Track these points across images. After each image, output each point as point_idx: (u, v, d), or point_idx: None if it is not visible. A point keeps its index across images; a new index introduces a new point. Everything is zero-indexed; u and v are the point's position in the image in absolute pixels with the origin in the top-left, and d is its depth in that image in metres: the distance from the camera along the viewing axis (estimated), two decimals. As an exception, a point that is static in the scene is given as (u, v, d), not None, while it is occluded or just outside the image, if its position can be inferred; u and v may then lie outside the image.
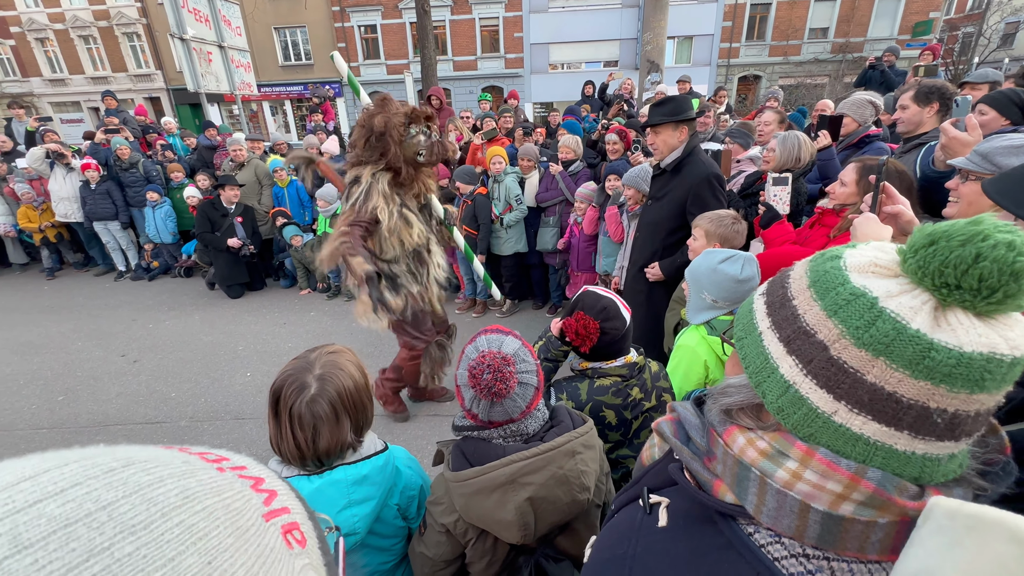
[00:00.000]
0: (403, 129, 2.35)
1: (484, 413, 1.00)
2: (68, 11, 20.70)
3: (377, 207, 2.39)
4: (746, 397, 0.54)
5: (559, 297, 4.67)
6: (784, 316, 0.50)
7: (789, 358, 0.49)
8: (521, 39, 19.71)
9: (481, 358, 0.99)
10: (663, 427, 0.81)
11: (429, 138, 2.46)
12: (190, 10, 7.10)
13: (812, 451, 0.48)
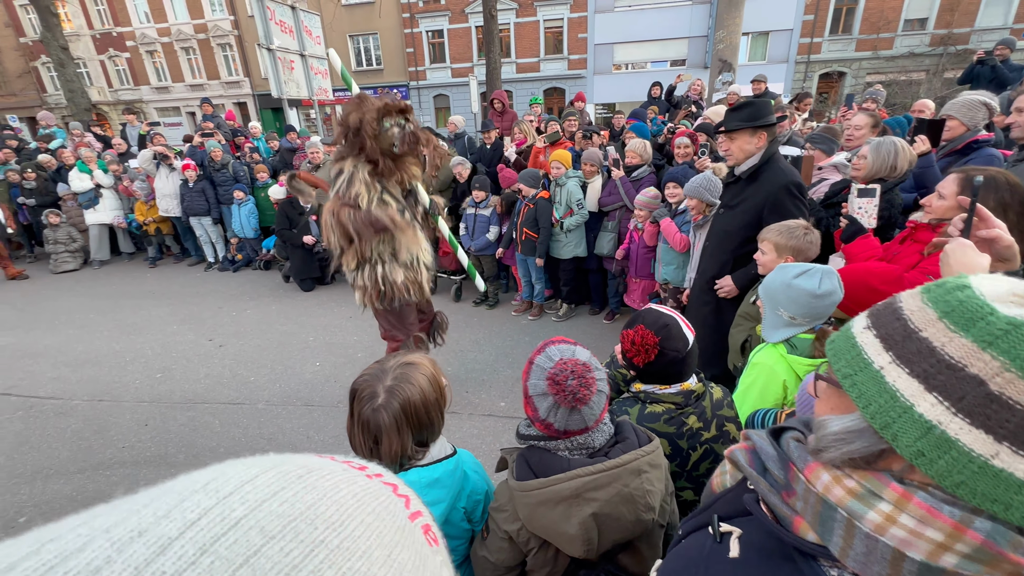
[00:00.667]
0: (376, 124, 2.47)
1: (562, 422, 0.99)
2: (174, 26, 22.98)
3: (359, 193, 2.52)
4: (870, 443, 0.49)
5: (617, 303, 4.59)
6: (914, 350, 0.46)
7: (929, 395, 0.44)
8: (585, 40, 19.52)
9: (562, 365, 0.99)
10: (737, 455, 0.77)
11: (403, 130, 2.54)
12: (277, 22, 7.65)
13: (910, 494, 0.45)
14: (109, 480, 2.78)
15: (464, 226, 4.79)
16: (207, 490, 0.24)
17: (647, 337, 1.27)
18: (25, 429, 3.28)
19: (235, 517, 0.22)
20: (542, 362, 1.03)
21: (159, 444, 3.08)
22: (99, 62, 24.38)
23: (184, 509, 0.22)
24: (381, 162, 2.54)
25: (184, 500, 0.23)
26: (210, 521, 0.22)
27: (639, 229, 3.78)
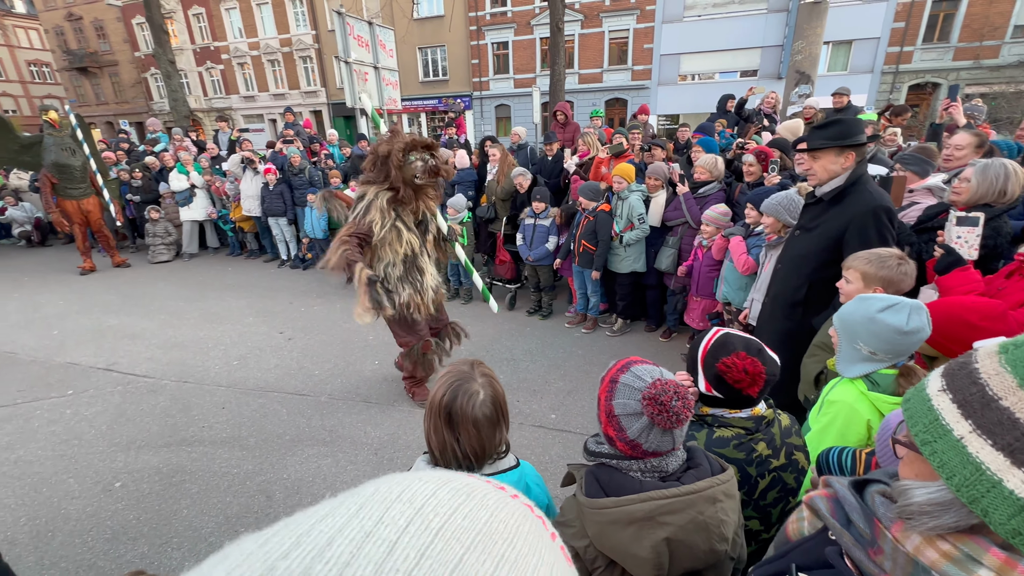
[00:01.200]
0: (402, 156, 2.79)
1: (653, 443, 0.98)
2: (263, 40, 24.99)
3: (373, 220, 2.83)
4: (960, 517, 0.46)
5: (675, 321, 4.45)
6: (995, 420, 0.43)
7: (1019, 471, 0.41)
8: (650, 50, 19.22)
9: (661, 385, 0.96)
10: (818, 503, 0.74)
11: (426, 163, 2.85)
12: (355, 37, 8.11)
13: (1014, 562, 0.41)
14: (190, 456, 3.03)
15: (522, 236, 4.84)
16: (402, 500, 0.26)
17: (756, 365, 1.22)
18: (123, 402, 3.66)
19: (434, 527, 0.25)
20: (631, 381, 1.01)
21: (233, 427, 3.33)
22: (198, 73, 26.94)
23: (393, 516, 0.25)
24: (402, 190, 2.84)
25: (389, 509, 0.25)
26: (417, 529, 0.24)
27: (704, 246, 3.65)
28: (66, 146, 6.51)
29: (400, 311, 3.08)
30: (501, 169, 5.37)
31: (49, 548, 2.38)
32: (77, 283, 6.59)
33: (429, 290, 3.16)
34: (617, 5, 18.98)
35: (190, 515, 2.57)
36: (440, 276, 3.32)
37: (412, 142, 2.84)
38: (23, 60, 33.84)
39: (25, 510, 2.63)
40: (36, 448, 3.15)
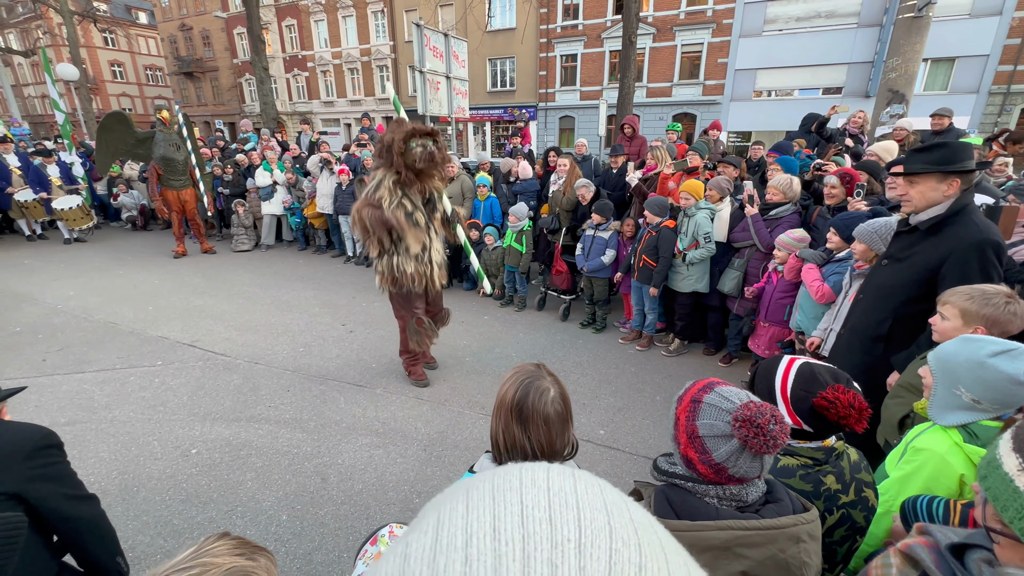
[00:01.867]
0: (403, 144, 3.10)
1: (741, 468, 0.93)
2: (345, 50, 26.66)
3: (382, 196, 3.19)
4: None
5: (737, 347, 4.25)
6: None
7: None
8: (724, 65, 18.61)
9: (755, 408, 0.91)
10: (919, 552, 0.68)
11: (425, 149, 3.13)
12: (431, 48, 8.48)
13: None
14: (256, 432, 3.26)
15: (581, 247, 4.82)
16: (577, 492, 0.28)
17: (859, 400, 1.14)
18: (202, 377, 3.99)
19: (605, 520, 0.27)
20: (718, 401, 0.97)
21: (296, 409, 3.54)
22: (285, 79, 29.13)
23: (586, 510, 0.27)
24: (403, 173, 3.17)
25: (583, 504, 0.28)
26: (616, 516, 0.27)
27: (778, 271, 3.47)
28: (173, 142, 7.25)
29: (403, 283, 3.39)
30: (568, 180, 5.39)
31: (134, 502, 2.63)
32: (171, 265, 7.29)
33: (434, 264, 3.45)
34: (692, 19, 18.58)
35: (253, 488, 2.76)
36: (446, 254, 3.64)
37: (412, 131, 3.14)
38: (141, 65, 38.09)
39: (116, 464, 2.93)
40: (128, 410, 3.51)
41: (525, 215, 5.34)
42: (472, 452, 3.06)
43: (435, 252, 3.45)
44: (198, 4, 31.12)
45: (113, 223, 10.23)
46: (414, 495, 2.71)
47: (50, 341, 4.60)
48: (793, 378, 1.23)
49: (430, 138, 3.18)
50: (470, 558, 0.24)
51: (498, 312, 5.52)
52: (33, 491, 1.42)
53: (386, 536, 0.89)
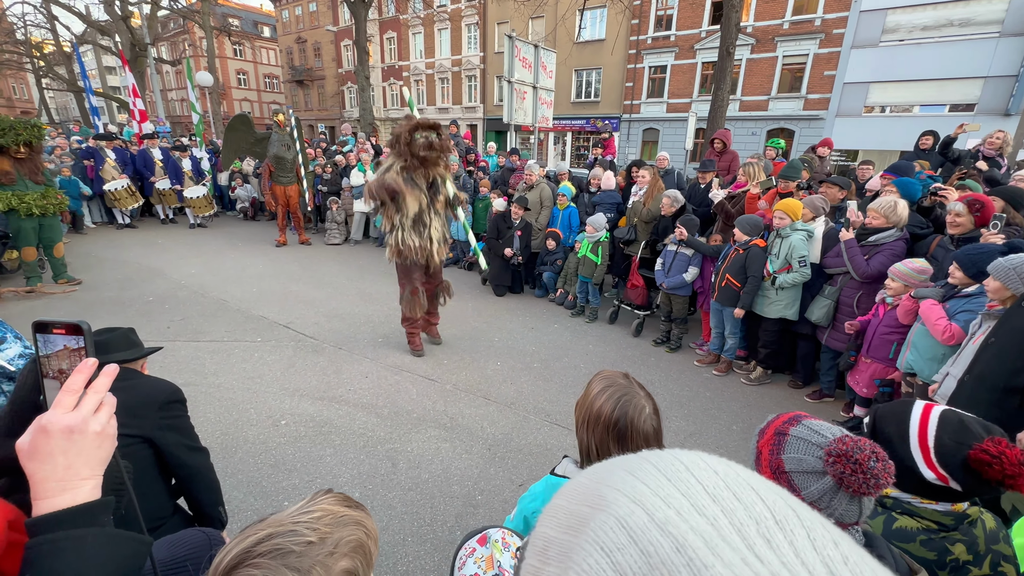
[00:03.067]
0: (408, 135, 3.70)
1: (835, 510, 0.87)
2: (438, 60, 28.06)
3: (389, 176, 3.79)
4: None
5: (831, 384, 3.88)
6: None
7: None
8: (831, 78, 17.20)
9: (852, 442, 0.84)
10: None
11: (427, 139, 3.70)
12: (520, 58, 8.69)
13: None
14: (337, 412, 3.50)
15: (661, 261, 4.67)
16: (753, 484, 0.28)
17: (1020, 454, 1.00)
18: (293, 356, 4.36)
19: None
20: (806, 435, 0.91)
21: (372, 395, 3.76)
22: (381, 87, 31.20)
23: (761, 490, 0.27)
24: (408, 160, 3.75)
25: (754, 484, 0.28)
26: (786, 496, 0.28)
27: (887, 303, 3.14)
28: (285, 142, 8.04)
29: (406, 256, 3.96)
30: (650, 192, 5.26)
31: (231, 461, 2.93)
32: (272, 253, 8.05)
33: (433, 241, 3.99)
34: (797, 29, 17.40)
35: (332, 463, 2.96)
36: (445, 232, 4.14)
37: (418, 124, 3.73)
38: (262, 73, 42.64)
39: (219, 426, 3.28)
40: (231, 378, 3.92)
41: (602, 226, 5.28)
42: (536, 458, 3.07)
43: (435, 230, 3.99)
44: (313, 19, 34.31)
45: (229, 212, 11.50)
46: (476, 492, 2.77)
47: (174, 312, 5.27)
48: (937, 425, 1.09)
49: (433, 130, 3.77)
50: (692, 529, 0.24)
51: (568, 321, 5.49)
52: (161, 437, 1.64)
53: (499, 541, 0.91)
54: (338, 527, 0.72)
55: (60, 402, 0.60)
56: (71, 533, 0.58)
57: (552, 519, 0.35)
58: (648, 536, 0.25)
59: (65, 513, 0.58)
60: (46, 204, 5.62)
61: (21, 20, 21.17)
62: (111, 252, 7.58)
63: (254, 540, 0.65)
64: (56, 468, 0.58)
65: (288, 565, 0.64)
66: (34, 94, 31.03)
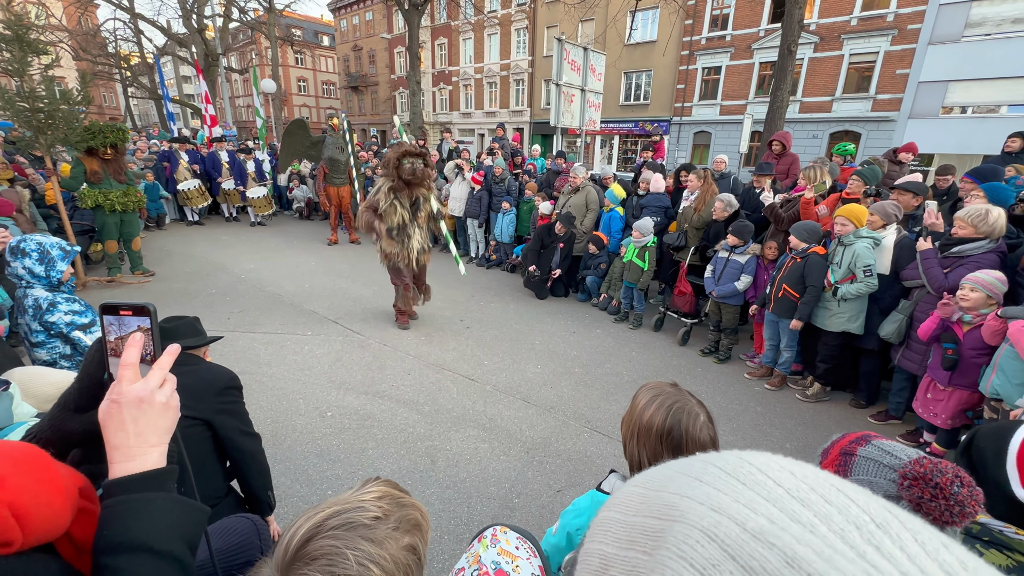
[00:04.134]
0: (397, 160, 4.35)
1: None
2: (487, 65, 28.43)
3: (379, 199, 4.43)
4: None
5: (900, 406, 3.59)
6: None
7: None
8: (904, 76, 16.02)
9: (931, 464, 0.76)
10: None
11: (413, 166, 4.34)
12: (569, 61, 8.64)
13: None
14: (379, 407, 3.58)
15: (712, 269, 4.49)
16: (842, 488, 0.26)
17: None
18: (341, 350, 4.51)
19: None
20: (877, 455, 0.83)
21: (414, 392, 3.82)
22: (431, 92, 31.95)
23: (849, 491, 0.25)
24: (396, 182, 4.40)
25: (840, 486, 0.25)
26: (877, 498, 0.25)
27: (964, 322, 2.86)
28: (339, 145, 8.37)
29: (392, 259, 4.62)
30: (702, 197, 5.08)
31: (280, 448, 3.06)
32: (324, 251, 8.39)
33: (414, 249, 4.59)
34: (867, 25, 16.34)
35: (373, 456, 3.03)
36: (425, 243, 4.73)
37: (406, 151, 4.33)
38: (320, 80, 44.75)
39: (271, 414, 3.43)
40: (283, 369, 4.10)
41: (649, 230, 5.15)
42: (575, 464, 3.01)
43: (415, 240, 4.59)
44: (369, 27, 35.66)
45: (286, 212, 12.11)
46: (513, 495, 2.75)
47: (234, 304, 5.59)
48: None
49: (419, 158, 4.37)
50: (796, 539, 0.22)
51: (611, 327, 5.38)
52: (219, 421, 1.73)
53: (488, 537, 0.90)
54: (398, 507, 0.73)
55: (123, 376, 0.66)
56: (143, 496, 0.63)
57: (607, 534, 0.32)
58: (747, 549, 0.22)
59: (137, 477, 0.64)
60: (127, 201, 6.13)
61: (113, 35, 23.28)
62: (181, 247, 8.15)
63: (323, 516, 0.67)
64: (128, 435, 0.64)
65: (363, 536, 0.65)
66: (121, 102, 34.04)
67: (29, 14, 5.73)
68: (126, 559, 0.59)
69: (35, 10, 17.44)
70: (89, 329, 2.52)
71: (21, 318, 2.45)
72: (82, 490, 0.65)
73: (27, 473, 0.57)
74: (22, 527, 0.54)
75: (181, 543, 0.64)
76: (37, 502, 0.56)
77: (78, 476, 0.66)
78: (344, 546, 0.63)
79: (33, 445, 0.63)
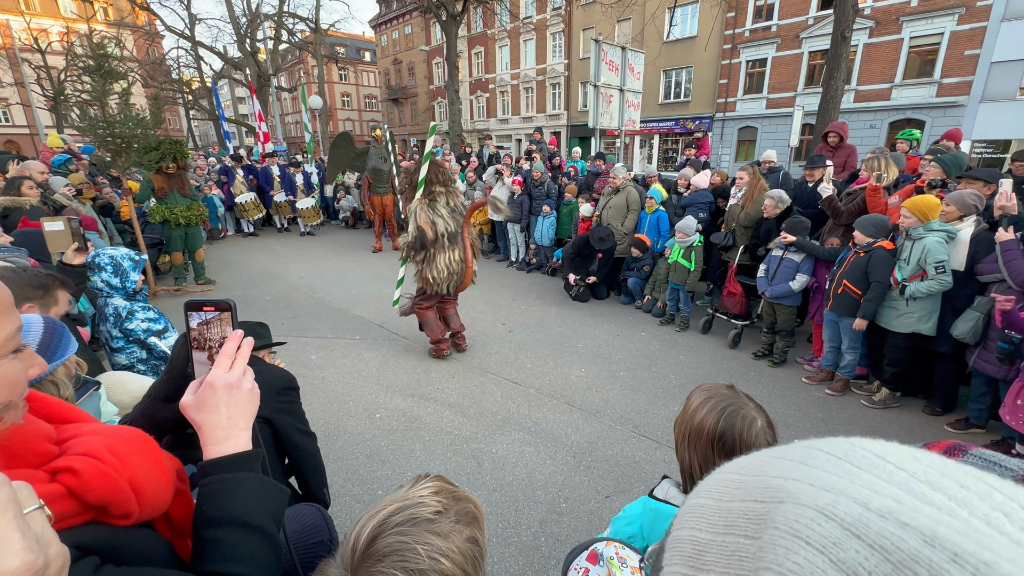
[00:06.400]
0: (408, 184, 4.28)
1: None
2: (522, 71, 28.61)
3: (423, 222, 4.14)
4: None
5: (982, 413, 3.29)
6: None
7: None
8: (973, 57, 14.82)
9: None
10: None
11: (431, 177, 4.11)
12: (607, 62, 8.55)
13: None
14: (426, 410, 3.64)
15: (765, 268, 4.29)
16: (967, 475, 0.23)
17: None
18: (387, 354, 4.63)
19: None
20: (980, 464, 0.76)
21: (459, 395, 3.86)
22: (468, 101, 32.46)
23: (992, 488, 0.22)
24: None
25: (968, 469, 0.23)
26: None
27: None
28: (382, 156, 8.64)
29: (423, 284, 4.28)
30: (749, 193, 4.88)
31: (333, 448, 3.16)
32: (370, 258, 8.66)
33: (435, 270, 4.15)
34: (929, 5, 15.25)
35: (421, 457, 3.08)
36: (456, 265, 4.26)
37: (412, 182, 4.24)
38: (363, 95, 46.47)
39: (323, 415, 3.56)
40: (333, 372, 4.25)
41: (694, 230, 4.99)
42: (623, 470, 2.94)
43: (453, 261, 4.21)
44: (408, 41, 36.73)
45: (333, 221, 12.61)
46: (561, 499, 2.71)
47: (287, 310, 5.86)
48: None
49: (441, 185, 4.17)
50: (933, 520, 0.20)
51: (656, 330, 5.24)
52: (278, 419, 1.80)
53: (614, 557, 0.86)
54: (455, 500, 0.74)
55: (219, 363, 0.73)
56: (237, 475, 0.69)
57: (698, 520, 0.30)
58: (874, 527, 0.20)
59: (231, 457, 0.70)
60: (191, 215, 6.56)
61: (176, 63, 25.17)
62: (238, 257, 8.64)
63: (386, 514, 0.68)
64: (221, 418, 0.70)
65: (429, 531, 0.66)
66: (183, 124, 36.66)
67: (108, 45, 6.26)
68: (224, 532, 0.65)
69: (111, 43, 19.20)
70: (163, 335, 2.71)
71: (103, 325, 2.66)
72: (178, 472, 0.70)
73: (140, 453, 0.63)
74: (138, 501, 0.60)
75: (270, 519, 0.70)
76: (149, 480, 0.62)
77: (174, 460, 0.72)
78: (413, 541, 0.64)
79: (140, 429, 0.69)
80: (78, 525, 0.55)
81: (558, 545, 2.40)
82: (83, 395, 1.67)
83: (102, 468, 0.56)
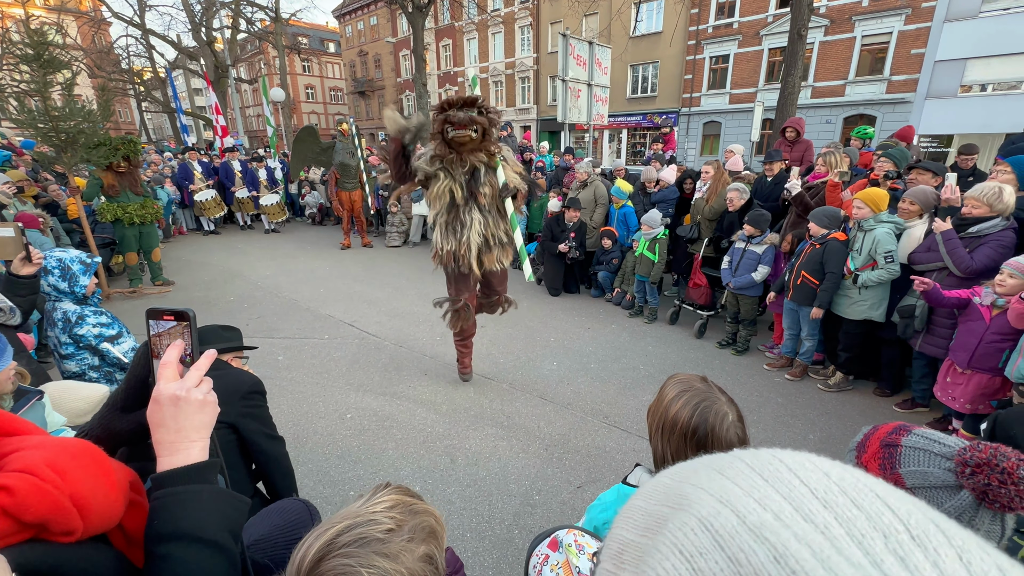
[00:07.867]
0: (439, 116, 2.96)
1: (979, 530, 0.75)
2: (491, 64, 28.43)
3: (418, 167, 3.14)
4: None
5: (925, 392, 3.50)
6: None
7: None
8: (919, 56, 15.62)
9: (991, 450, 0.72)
10: None
11: (456, 118, 2.89)
12: (574, 56, 8.60)
13: None
14: (398, 407, 3.61)
15: (728, 260, 4.43)
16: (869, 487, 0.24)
17: None
18: (357, 352, 4.56)
19: None
20: (924, 444, 0.80)
21: (431, 392, 3.85)
22: (437, 94, 32.05)
23: (888, 497, 0.23)
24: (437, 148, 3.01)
25: (878, 490, 0.24)
26: (919, 505, 0.23)
27: (996, 306, 2.78)
28: (349, 150, 8.45)
29: (446, 260, 3.25)
30: (713, 187, 5.02)
31: (302, 450, 3.10)
32: (337, 255, 8.48)
33: (472, 244, 3.15)
34: (879, 5, 15.96)
35: (393, 456, 3.06)
36: (494, 233, 3.24)
37: (449, 101, 2.94)
38: (327, 87, 45.20)
39: (292, 417, 3.48)
40: (302, 373, 4.15)
41: (659, 223, 5.10)
42: (594, 460, 3.00)
43: (475, 233, 3.12)
44: (374, 32, 35.91)
45: (298, 218, 12.26)
46: (534, 492, 2.75)
47: (252, 311, 5.68)
48: None
49: (470, 107, 2.93)
50: (796, 537, 0.21)
51: (626, 322, 5.35)
52: (243, 424, 1.76)
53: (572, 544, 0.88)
54: (411, 515, 0.73)
55: (162, 375, 0.70)
56: (189, 488, 0.67)
57: (628, 520, 0.32)
58: (738, 541, 0.21)
59: (181, 470, 0.68)
60: (144, 213, 6.26)
61: (125, 51, 23.80)
62: (199, 256, 8.31)
63: (335, 532, 0.66)
64: (168, 431, 0.68)
65: (377, 552, 0.65)
66: (135, 116, 34.82)
67: (49, 32, 5.85)
68: (176, 547, 0.63)
69: (52, 30, 17.96)
70: (116, 341, 2.59)
71: (51, 331, 2.52)
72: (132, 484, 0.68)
73: (86, 467, 0.61)
74: (82, 517, 0.58)
75: (225, 532, 0.68)
76: (95, 494, 0.60)
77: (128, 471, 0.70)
78: (358, 564, 0.63)
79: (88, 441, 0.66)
80: (15, 544, 0.53)
81: (531, 537, 2.43)
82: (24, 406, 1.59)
83: (40, 485, 0.54)
